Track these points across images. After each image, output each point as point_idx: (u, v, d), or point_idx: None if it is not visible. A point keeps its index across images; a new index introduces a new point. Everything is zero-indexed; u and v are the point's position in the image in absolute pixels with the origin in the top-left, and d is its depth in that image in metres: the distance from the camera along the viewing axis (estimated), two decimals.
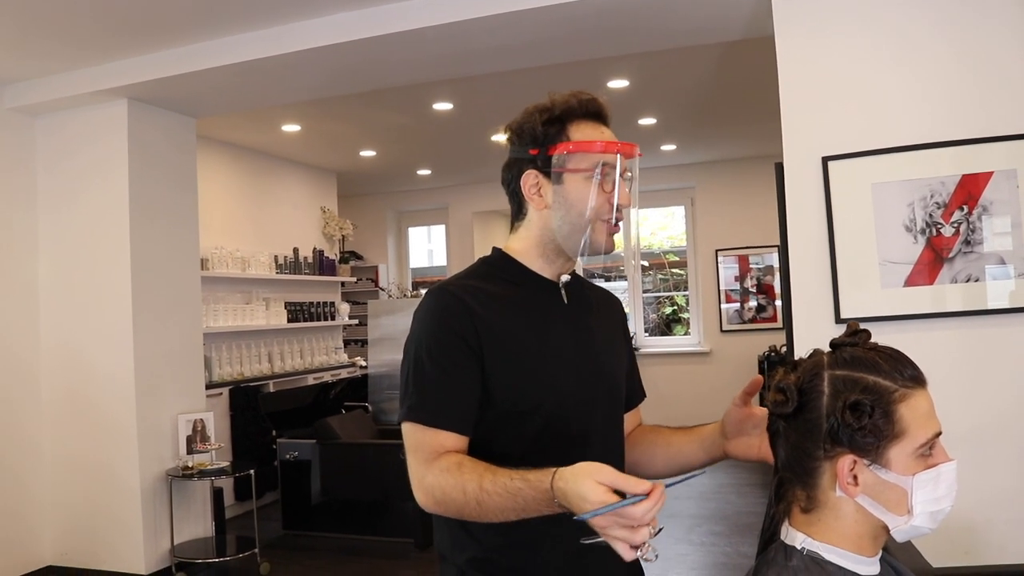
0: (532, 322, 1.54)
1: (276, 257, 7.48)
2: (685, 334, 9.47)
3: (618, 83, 5.68)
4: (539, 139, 1.53)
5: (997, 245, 3.09)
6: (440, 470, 1.40)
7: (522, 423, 1.48)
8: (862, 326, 1.29)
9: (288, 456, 5.86)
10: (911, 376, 1.20)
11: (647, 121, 6.97)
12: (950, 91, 3.15)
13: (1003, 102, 3.08)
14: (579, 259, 1.57)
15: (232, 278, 6.85)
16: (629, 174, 1.55)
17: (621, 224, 1.57)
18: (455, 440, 1.44)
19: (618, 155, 1.51)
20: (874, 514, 1.20)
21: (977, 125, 3.10)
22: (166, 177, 5.12)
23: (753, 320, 8.80)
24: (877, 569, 1.25)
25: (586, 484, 1.22)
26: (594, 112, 1.55)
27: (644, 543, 1.20)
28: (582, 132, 1.52)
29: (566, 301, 1.60)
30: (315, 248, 8.16)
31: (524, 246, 1.60)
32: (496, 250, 1.64)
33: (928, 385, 1.22)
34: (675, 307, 9.72)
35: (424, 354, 1.47)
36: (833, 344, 1.28)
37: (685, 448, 1.66)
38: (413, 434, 1.44)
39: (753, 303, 8.84)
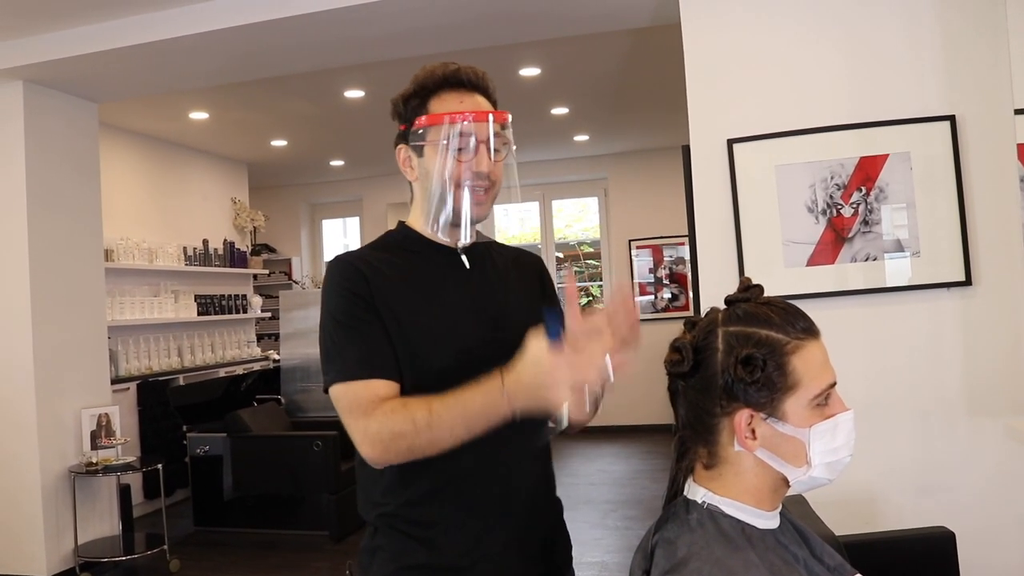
0: (427, 287, 1.55)
1: (185, 249, 7.28)
2: None
3: (530, 71, 5.70)
4: (403, 114, 1.59)
5: (893, 225, 3.20)
6: (384, 413, 1.40)
7: (418, 390, 1.44)
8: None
9: (199, 451, 5.72)
10: (803, 328, 1.22)
11: (560, 111, 7.01)
12: (850, 76, 3.25)
13: (897, 87, 3.19)
14: (462, 229, 1.55)
15: (139, 270, 6.65)
16: (496, 141, 1.54)
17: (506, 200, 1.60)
18: (387, 387, 1.44)
19: (470, 123, 1.50)
20: (773, 467, 1.21)
21: (874, 109, 3.21)
22: (66, 164, 4.93)
23: (667, 309, 8.92)
24: (776, 523, 1.27)
25: (534, 346, 1.31)
26: (457, 81, 1.56)
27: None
28: (443, 104, 1.54)
29: (468, 266, 1.61)
30: (226, 240, 7.97)
31: (416, 216, 1.64)
32: (400, 223, 1.67)
33: (822, 336, 1.23)
34: (591, 298, 9.79)
35: (336, 320, 1.49)
36: (727, 300, 1.30)
37: None
38: (346, 393, 1.44)
39: (667, 293, 8.97)
